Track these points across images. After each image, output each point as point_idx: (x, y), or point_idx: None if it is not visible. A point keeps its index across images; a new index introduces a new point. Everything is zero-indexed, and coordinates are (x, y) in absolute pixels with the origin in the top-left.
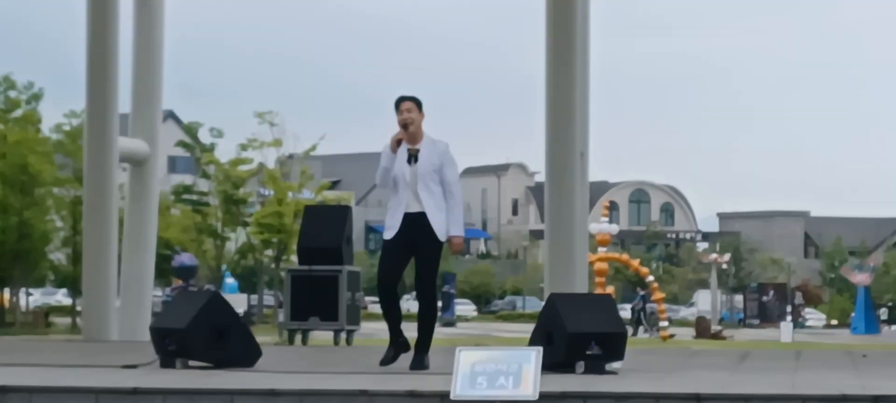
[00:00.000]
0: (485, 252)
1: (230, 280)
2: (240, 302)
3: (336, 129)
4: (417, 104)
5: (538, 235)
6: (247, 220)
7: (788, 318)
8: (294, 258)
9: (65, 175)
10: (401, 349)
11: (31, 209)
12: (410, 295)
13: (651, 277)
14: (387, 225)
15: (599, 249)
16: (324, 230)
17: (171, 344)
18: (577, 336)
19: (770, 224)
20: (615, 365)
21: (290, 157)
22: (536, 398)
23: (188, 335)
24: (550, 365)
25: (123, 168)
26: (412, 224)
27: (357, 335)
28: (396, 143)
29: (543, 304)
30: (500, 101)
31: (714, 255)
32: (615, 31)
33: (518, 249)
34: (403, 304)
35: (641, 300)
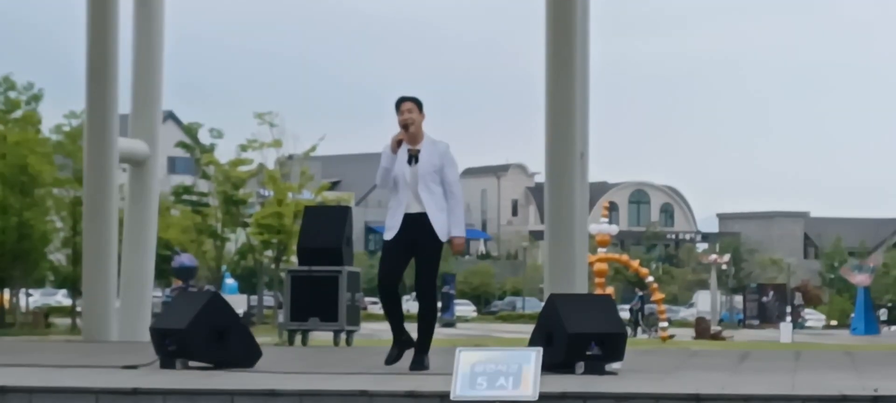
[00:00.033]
0: (484, 252)
1: (230, 280)
2: (239, 303)
3: (336, 130)
4: (418, 105)
5: (538, 236)
6: (247, 221)
7: (788, 319)
8: (294, 259)
9: (65, 175)
10: (405, 346)
11: (31, 209)
12: (410, 296)
13: (651, 278)
14: (387, 226)
15: (599, 250)
16: (324, 231)
17: (171, 345)
18: (577, 336)
19: (769, 224)
20: (615, 366)
21: (290, 158)
22: (536, 398)
23: (188, 335)
24: (550, 366)
25: (123, 168)
26: (412, 224)
27: (357, 335)
28: (397, 144)
29: (543, 305)
30: (500, 102)
31: (714, 256)
32: (615, 32)
33: (518, 250)
34: (403, 305)
35: (639, 301)
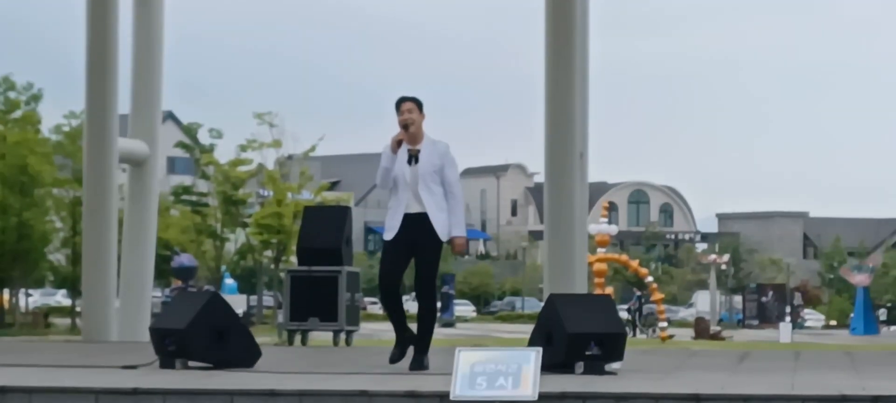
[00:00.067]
0: (484, 252)
1: (229, 280)
2: (239, 303)
3: (335, 130)
4: (418, 105)
5: (537, 236)
6: (246, 221)
7: (787, 319)
8: (293, 259)
9: (64, 176)
10: (408, 344)
11: (31, 210)
12: (410, 296)
13: (650, 278)
14: (387, 226)
15: (598, 250)
16: (323, 231)
17: (171, 345)
18: (577, 336)
19: (769, 224)
20: (614, 366)
21: (290, 158)
22: (536, 398)
23: (188, 335)
24: (550, 366)
25: (123, 169)
26: (412, 224)
27: (356, 335)
28: (397, 144)
29: (543, 305)
30: (500, 102)
31: (713, 256)
32: (615, 32)
33: (517, 250)
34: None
35: (637, 300)
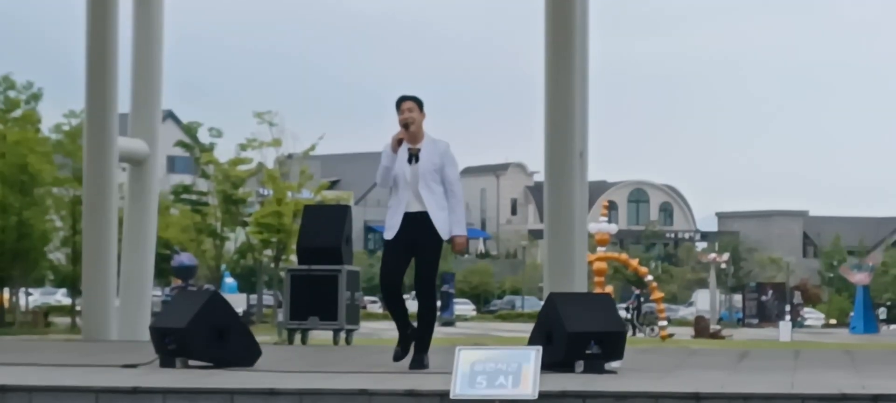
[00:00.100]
0: (484, 251)
1: (229, 279)
2: (239, 302)
3: (335, 129)
4: (418, 104)
5: (537, 235)
6: (246, 220)
7: (787, 318)
8: (293, 258)
9: (64, 175)
10: (411, 341)
11: (31, 209)
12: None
13: (650, 277)
14: (387, 225)
15: (598, 249)
16: (323, 230)
17: (171, 344)
18: (577, 335)
19: (769, 223)
20: (614, 365)
21: (290, 157)
22: (536, 397)
23: (188, 334)
24: (550, 365)
25: (123, 168)
26: (413, 223)
27: (356, 334)
28: (397, 143)
29: (543, 303)
30: (500, 101)
31: (713, 255)
32: (615, 31)
33: (517, 249)
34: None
35: (636, 299)
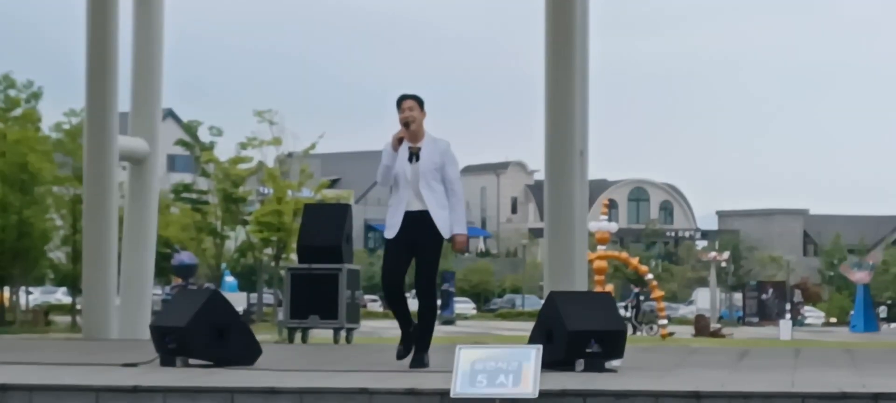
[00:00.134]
0: (484, 250)
1: (230, 278)
2: (239, 301)
3: (335, 128)
4: (419, 103)
5: (537, 233)
6: (246, 219)
7: (787, 316)
8: (293, 256)
9: (64, 173)
10: (414, 340)
11: (31, 208)
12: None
13: (650, 275)
14: (388, 224)
15: (599, 247)
16: (323, 228)
17: (172, 343)
18: (577, 334)
19: (769, 222)
20: (615, 363)
21: (290, 156)
22: (536, 395)
23: (188, 333)
24: (550, 363)
25: (123, 166)
26: (413, 222)
27: (357, 333)
28: (398, 142)
29: (543, 302)
30: (500, 100)
31: (713, 253)
32: (615, 30)
33: (517, 247)
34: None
35: (635, 297)
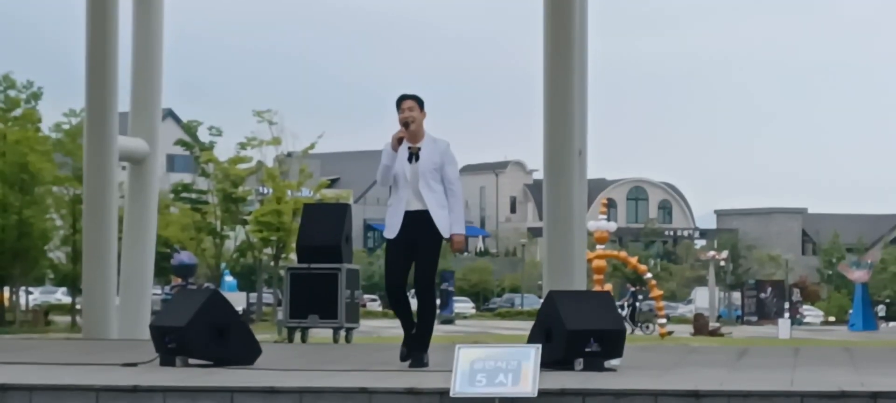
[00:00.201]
0: (483, 249)
1: (229, 278)
2: (239, 301)
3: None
4: (419, 103)
5: (536, 233)
6: (246, 219)
7: (786, 315)
8: (293, 256)
9: (64, 174)
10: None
11: (31, 208)
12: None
13: (649, 274)
14: (387, 224)
15: (597, 247)
16: (323, 228)
17: (171, 342)
18: (576, 333)
19: (768, 221)
20: (614, 362)
21: (289, 156)
22: (535, 395)
23: (188, 333)
24: (549, 362)
25: (123, 166)
26: (413, 222)
27: (356, 333)
28: (398, 142)
29: (542, 301)
30: (499, 99)
31: (712, 252)
32: (614, 30)
33: (516, 247)
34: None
35: (631, 296)
